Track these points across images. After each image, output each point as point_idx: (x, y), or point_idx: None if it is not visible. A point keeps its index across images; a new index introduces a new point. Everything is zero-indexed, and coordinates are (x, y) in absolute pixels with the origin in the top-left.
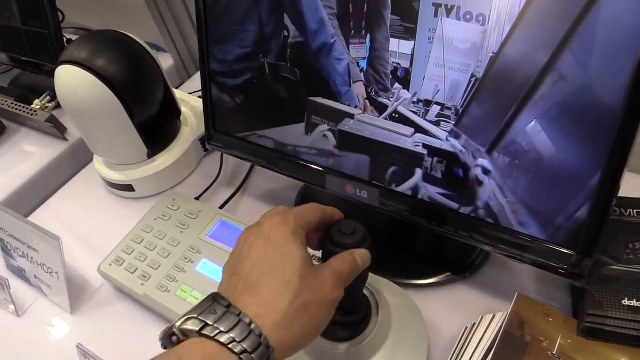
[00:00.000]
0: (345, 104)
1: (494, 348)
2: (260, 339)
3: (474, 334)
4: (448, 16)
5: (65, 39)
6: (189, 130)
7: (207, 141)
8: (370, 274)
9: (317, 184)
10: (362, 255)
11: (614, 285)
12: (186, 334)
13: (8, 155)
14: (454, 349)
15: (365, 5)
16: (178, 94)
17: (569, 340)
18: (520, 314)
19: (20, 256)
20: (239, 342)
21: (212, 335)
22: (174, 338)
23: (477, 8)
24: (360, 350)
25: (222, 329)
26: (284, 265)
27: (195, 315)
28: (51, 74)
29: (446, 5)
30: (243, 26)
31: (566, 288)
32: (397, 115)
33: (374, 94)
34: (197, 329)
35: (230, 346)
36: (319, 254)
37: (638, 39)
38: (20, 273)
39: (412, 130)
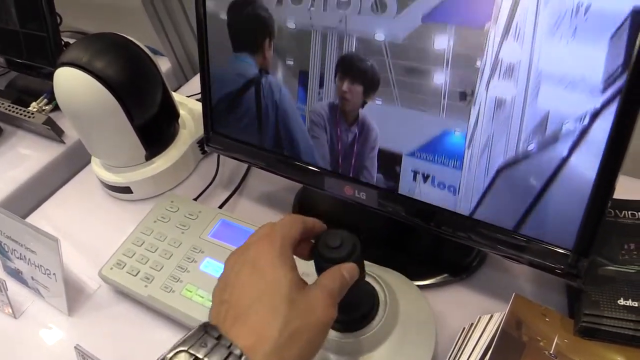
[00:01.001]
0: None
1: (492, 348)
2: None
3: (471, 334)
4: (425, 182)
5: (62, 42)
6: (187, 132)
7: (205, 143)
8: (379, 266)
9: (316, 185)
10: (349, 270)
11: (610, 286)
12: None
13: (4, 158)
14: (452, 349)
15: (353, 160)
16: (176, 96)
17: (566, 340)
18: (517, 314)
19: (18, 258)
20: None
21: None
22: None
23: (448, 180)
24: (367, 340)
25: (212, 357)
26: (271, 292)
27: (186, 349)
28: (49, 77)
29: (423, 173)
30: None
31: (562, 289)
32: None
33: None
34: None
35: None
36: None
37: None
38: (17, 275)
39: None
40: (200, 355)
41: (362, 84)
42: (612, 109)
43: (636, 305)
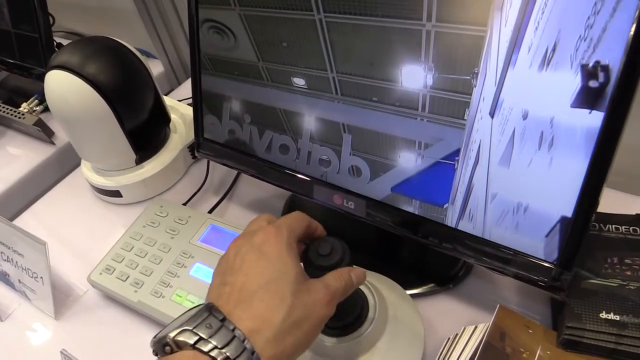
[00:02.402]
0: None
1: (476, 359)
2: (252, 356)
3: (456, 345)
4: None
5: (55, 43)
6: (177, 137)
7: (196, 149)
8: (368, 271)
9: (305, 193)
10: (358, 275)
11: (592, 299)
12: (180, 346)
13: None
14: (436, 359)
15: None
16: (167, 101)
17: (548, 352)
18: (501, 325)
19: (5, 260)
20: (234, 359)
21: (206, 350)
22: (167, 348)
23: None
24: (357, 344)
25: (216, 344)
26: (277, 280)
27: (190, 328)
28: (40, 78)
29: None
30: None
31: (546, 301)
32: None
33: None
34: (192, 342)
35: None
36: None
37: None
38: (3, 277)
39: None
40: (204, 336)
41: None
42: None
43: (618, 319)
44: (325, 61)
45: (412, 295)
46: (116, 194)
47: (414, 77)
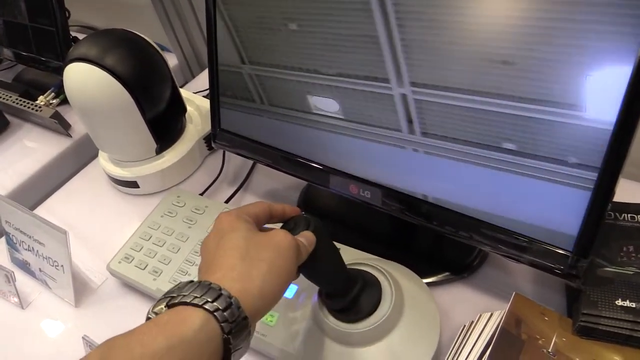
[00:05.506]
0: None
1: (492, 345)
2: (220, 291)
3: (472, 332)
4: None
5: (71, 37)
6: (193, 128)
7: (212, 140)
8: (384, 259)
9: (321, 183)
10: (306, 236)
11: (608, 286)
12: (158, 314)
13: (11, 150)
14: (452, 346)
15: None
16: (183, 93)
17: (564, 339)
18: (517, 312)
19: (26, 249)
20: (200, 297)
21: (177, 300)
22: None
23: None
24: (374, 331)
25: (184, 293)
26: (230, 238)
27: (162, 297)
28: (57, 71)
29: None
30: None
31: (561, 289)
32: None
33: None
34: (165, 304)
35: (194, 302)
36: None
37: None
38: (24, 266)
39: None
40: (174, 294)
41: None
42: None
43: (633, 306)
44: (384, 57)
45: (427, 284)
46: (133, 184)
47: None
